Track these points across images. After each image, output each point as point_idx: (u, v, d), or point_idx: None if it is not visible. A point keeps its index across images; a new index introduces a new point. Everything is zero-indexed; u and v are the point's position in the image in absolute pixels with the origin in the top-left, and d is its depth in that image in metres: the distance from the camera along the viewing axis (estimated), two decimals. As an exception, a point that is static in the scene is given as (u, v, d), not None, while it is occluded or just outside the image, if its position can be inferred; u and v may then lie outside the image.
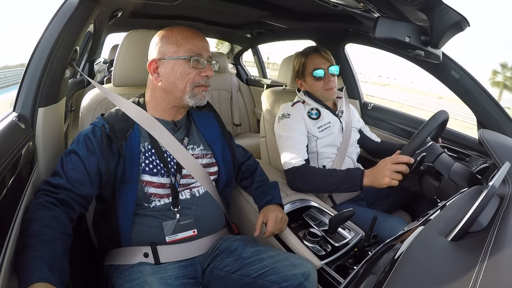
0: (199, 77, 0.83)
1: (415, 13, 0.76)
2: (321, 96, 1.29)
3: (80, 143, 0.78)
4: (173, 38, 0.82)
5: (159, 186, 0.82)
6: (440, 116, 1.03)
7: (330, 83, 1.26)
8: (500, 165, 0.78)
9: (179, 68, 0.82)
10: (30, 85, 0.82)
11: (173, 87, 0.83)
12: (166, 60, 0.82)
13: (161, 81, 0.83)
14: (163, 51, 0.82)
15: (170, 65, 0.82)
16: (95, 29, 1.86)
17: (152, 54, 0.85)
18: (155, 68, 0.83)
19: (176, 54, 0.81)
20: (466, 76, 1.17)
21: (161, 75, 0.83)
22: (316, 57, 1.27)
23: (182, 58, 0.81)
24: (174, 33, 0.83)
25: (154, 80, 0.84)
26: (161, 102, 0.86)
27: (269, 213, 0.92)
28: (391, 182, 0.97)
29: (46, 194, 0.71)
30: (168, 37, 0.83)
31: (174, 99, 0.85)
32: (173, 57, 0.81)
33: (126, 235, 0.81)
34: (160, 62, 0.82)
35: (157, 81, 0.84)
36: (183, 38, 0.82)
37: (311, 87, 1.29)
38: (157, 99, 0.86)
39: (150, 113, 0.86)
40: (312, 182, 1.13)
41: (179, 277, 0.79)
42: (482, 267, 0.44)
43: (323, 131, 1.25)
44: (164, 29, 0.86)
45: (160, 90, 0.85)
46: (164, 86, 0.83)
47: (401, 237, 0.60)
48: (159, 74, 0.83)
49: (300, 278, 0.77)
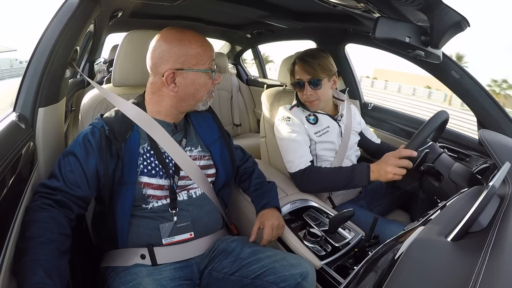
0: (212, 86, 0.86)
1: (415, 13, 0.76)
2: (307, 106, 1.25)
3: (78, 144, 0.77)
4: (193, 49, 0.80)
5: (157, 187, 0.82)
6: (442, 115, 1.03)
7: (308, 96, 1.20)
8: (500, 165, 0.78)
9: (199, 79, 0.82)
10: (30, 85, 0.82)
11: (190, 97, 0.83)
12: (185, 71, 0.80)
13: (177, 91, 0.82)
14: (182, 61, 0.79)
15: (190, 77, 0.81)
16: (95, 29, 1.86)
17: (165, 62, 0.79)
18: (172, 78, 0.80)
19: (197, 66, 0.81)
20: (466, 76, 1.17)
21: (178, 85, 0.81)
22: (299, 67, 1.22)
23: (204, 71, 0.82)
24: (192, 43, 0.80)
25: (170, 90, 0.81)
26: (167, 108, 0.85)
27: (265, 220, 0.91)
28: (394, 176, 0.97)
29: (43, 196, 0.71)
30: (187, 46, 0.80)
31: (186, 106, 0.85)
32: (194, 69, 0.81)
33: (123, 237, 0.81)
34: (178, 73, 0.80)
35: (173, 91, 0.81)
36: (203, 49, 0.81)
37: (299, 96, 1.27)
38: (163, 105, 0.85)
39: (150, 114, 0.85)
40: (321, 181, 1.13)
41: (175, 278, 0.79)
42: (482, 267, 0.44)
43: (321, 136, 1.23)
44: (172, 33, 0.81)
45: (172, 98, 0.83)
46: (179, 95, 0.82)
47: (401, 237, 0.60)
48: (176, 84, 0.81)
49: (298, 278, 0.77)
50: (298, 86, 1.23)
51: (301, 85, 1.21)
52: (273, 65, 32.45)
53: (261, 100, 1.48)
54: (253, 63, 3.02)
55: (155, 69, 0.81)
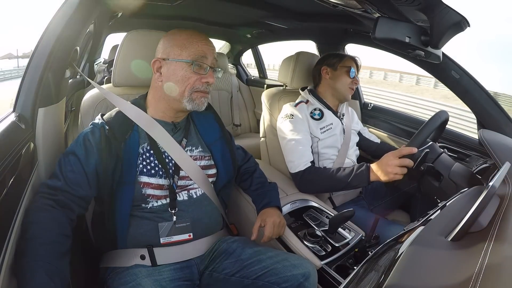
0: (199, 83, 0.82)
1: (415, 13, 0.76)
2: (343, 90, 1.31)
3: (79, 144, 0.78)
4: (179, 40, 0.82)
5: (157, 187, 0.82)
6: (442, 115, 1.03)
7: (355, 85, 1.32)
8: (500, 165, 0.78)
9: (180, 71, 0.81)
10: (30, 85, 0.82)
11: (172, 89, 0.83)
12: (169, 61, 0.82)
13: (162, 81, 0.84)
14: (168, 51, 0.82)
15: (173, 67, 0.82)
16: (95, 29, 1.86)
17: (157, 52, 0.85)
18: (158, 67, 0.84)
19: (179, 56, 0.81)
20: (466, 76, 1.17)
21: (163, 75, 0.83)
22: (353, 63, 1.33)
23: (185, 61, 0.81)
24: (181, 35, 0.83)
25: (156, 79, 0.85)
26: (162, 102, 0.86)
27: (266, 217, 0.92)
28: (395, 176, 0.97)
29: (44, 197, 0.71)
30: (175, 38, 0.83)
31: (172, 100, 0.84)
32: (176, 59, 0.81)
33: (123, 237, 0.81)
34: (163, 62, 0.83)
35: (159, 80, 0.84)
36: (189, 41, 0.82)
37: (339, 78, 1.30)
38: (158, 99, 0.86)
39: (150, 114, 0.86)
40: (321, 182, 1.13)
41: (174, 279, 0.79)
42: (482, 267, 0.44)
43: (325, 132, 1.25)
44: (174, 29, 0.86)
45: (160, 89, 0.85)
46: (164, 87, 0.83)
47: (401, 237, 0.60)
48: (161, 73, 0.83)
49: (300, 278, 0.77)
50: (350, 73, 1.30)
51: (353, 74, 1.30)
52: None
53: (261, 100, 1.48)
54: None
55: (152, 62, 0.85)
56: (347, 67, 1.30)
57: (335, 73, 1.31)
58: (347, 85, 1.30)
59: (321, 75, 1.34)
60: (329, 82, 1.32)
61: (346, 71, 1.29)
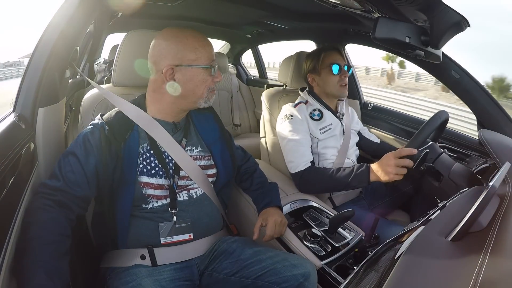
0: (213, 83, 0.85)
1: (415, 13, 0.76)
2: (334, 91, 1.27)
3: (78, 144, 0.78)
4: (191, 45, 0.80)
5: (157, 187, 0.82)
6: (442, 115, 1.03)
7: (345, 79, 1.26)
8: (500, 165, 0.78)
9: (198, 75, 0.81)
10: (30, 85, 0.82)
11: (190, 93, 0.83)
12: (184, 67, 0.80)
13: (174, 86, 0.81)
14: (180, 57, 0.80)
15: (189, 73, 0.81)
16: (95, 29, 1.86)
17: (164, 58, 0.80)
18: (171, 75, 0.80)
19: (195, 62, 0.81)
20: (466, 76, 1.17)
21: (178, 80, 0.81)
22: (334, 54, 1.27)
23: (203, 67, 0.81)
24: (189, 39, 0.80)
25: (160, 83, 0.82)
26: (168, 105, 0.85)
27: (268, 216, 0.92)
28: (395, 176, 0.96)
29: (43, 197, 0.71)
30: (185, 42, 0.80)
31: (187, 103, 0.85)
32: (193, 65, 0.81)
33: (123, 237, 0.81)
34: (177, 69, 0.80)
35: (166, 84, 0.81)
36: (201, 45, 0.81)
37: (325, 81, 1.27)
38: (164, 103, 0.85)
39: (150, 114, 0.85)
40: (321, 182, 1.13)
41: (174, 279, 0.79)
42: (482, 267, 0.44)
43: (325, 132, 1.25)
44: (171, 31, 0.82)
45: (165, 92, 0.83)
46: (177, 90, 0.82)
47: (401, 237, 0.60)
48: (175, 80, 0.81)
49: (300, 278, 0.77)
50: (337, 70, 1.25)
51: (340, 69, 1.25)
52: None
53: (261, 100, 1.48)
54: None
55: (155, 66, 0.82)
56: (328, 65, 1.26)
57: (320, 77, 1.28)
58: (336, 83, 1.25)
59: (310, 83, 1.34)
60: (320, 87, 1.30)
61: (329, 70, 1.25)
